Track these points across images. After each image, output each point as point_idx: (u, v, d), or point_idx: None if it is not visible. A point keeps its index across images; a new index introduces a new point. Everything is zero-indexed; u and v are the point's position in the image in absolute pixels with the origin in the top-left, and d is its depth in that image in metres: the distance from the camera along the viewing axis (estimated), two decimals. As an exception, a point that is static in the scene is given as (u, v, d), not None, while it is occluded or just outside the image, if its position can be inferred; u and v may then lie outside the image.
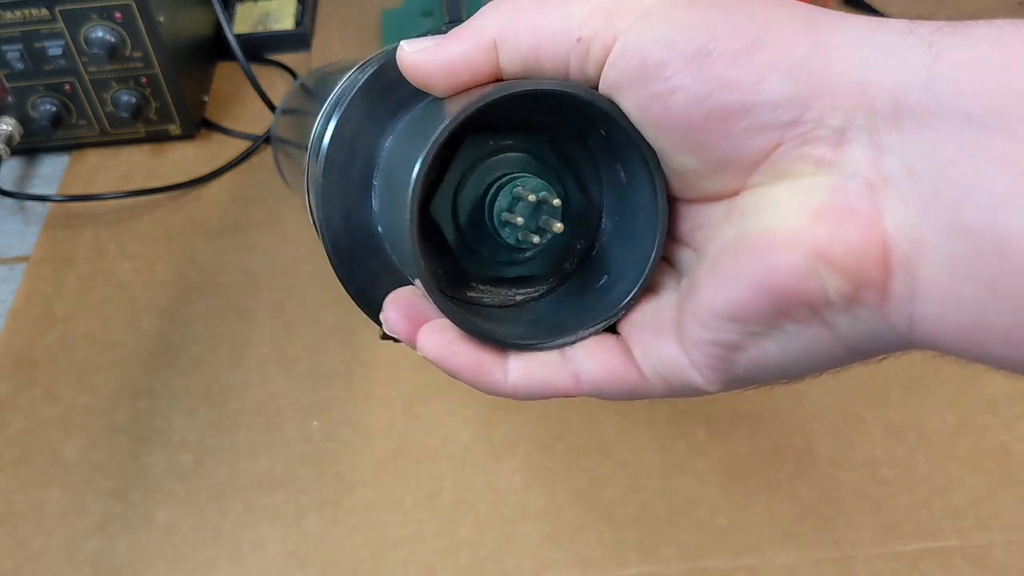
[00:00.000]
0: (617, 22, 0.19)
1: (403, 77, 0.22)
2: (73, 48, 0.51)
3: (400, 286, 0.24)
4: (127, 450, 0.42)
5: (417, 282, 0.22)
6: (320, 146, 0.25)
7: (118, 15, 0.50)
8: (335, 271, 0.25)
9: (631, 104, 0.20)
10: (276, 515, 0.39)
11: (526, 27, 0.20)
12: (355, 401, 0.43)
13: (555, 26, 0.20)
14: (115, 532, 0.39)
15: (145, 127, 0.56)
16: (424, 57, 0.21)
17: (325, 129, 0.25)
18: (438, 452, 0.41)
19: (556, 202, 0.22)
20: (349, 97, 0.24)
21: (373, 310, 0.25)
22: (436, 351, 0.21)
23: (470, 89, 0.21)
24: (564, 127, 0.23)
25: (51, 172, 0.56)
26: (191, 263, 0.50)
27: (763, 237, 0.18)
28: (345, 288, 0.25)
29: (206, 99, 0.59)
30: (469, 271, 0.24)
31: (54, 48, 0.50)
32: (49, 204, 0.54)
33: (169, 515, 0.39)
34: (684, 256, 0.22)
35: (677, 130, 0.19)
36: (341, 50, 0.63)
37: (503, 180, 0.23)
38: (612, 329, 0.23)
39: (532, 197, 0.22)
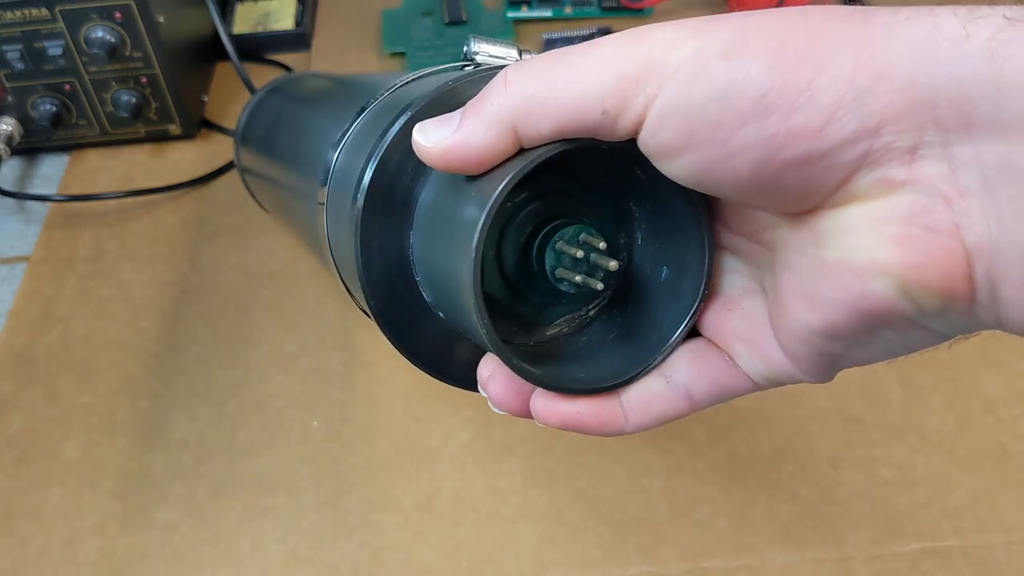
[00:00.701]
0: (646, 88, 0.18)
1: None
2: (73, 48, 0.51)
3: (459, 340, 0.24)
4: (127, 450, 0.42)
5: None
6: (355, 185, 0.24)
7: (118, 15, 0.50)
8: (388, 339, 0.24)
9: (683, 169, 0.19)
10: (276, 515, 0.39)
11: (544, 110, 0.19)
12: (355, 401, 0.43)
13: (575, 104, 0.19)
14: (115, 532, 0.39)
15: (145, 127, 0.56)
16: (445, 151, 0.21)
17: (354, 166, 0.25)
18: (438, 452, 0.41)
19: (602, 245, 0.22)
20: (385, 144, 0.23)
21: (439, 371, 0.25)
22: (560, 420, 0.22)
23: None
24: (575, 162, 0.23)
25: (51, 172, 0.56)
26: (191, 263, 0.50)
27: (849, 265, 0.18)
28: (404, 355, 0.25)
29: (206, 99, 0.59)
30: (527, 316, 0.24)
31: (54, 48, 0.50)
32: (49, 204, 0.54)
33: (169, 515, 0.39)
34: (753, 251, 0.22)
35: (741, 186, 0.18)
36: (341, 50, 0.63)
37: (540, 238, 0.23)
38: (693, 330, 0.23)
39: (579, 253, 0.22)
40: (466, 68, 0.27)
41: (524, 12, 0.65)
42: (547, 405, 0.22)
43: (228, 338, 0.46)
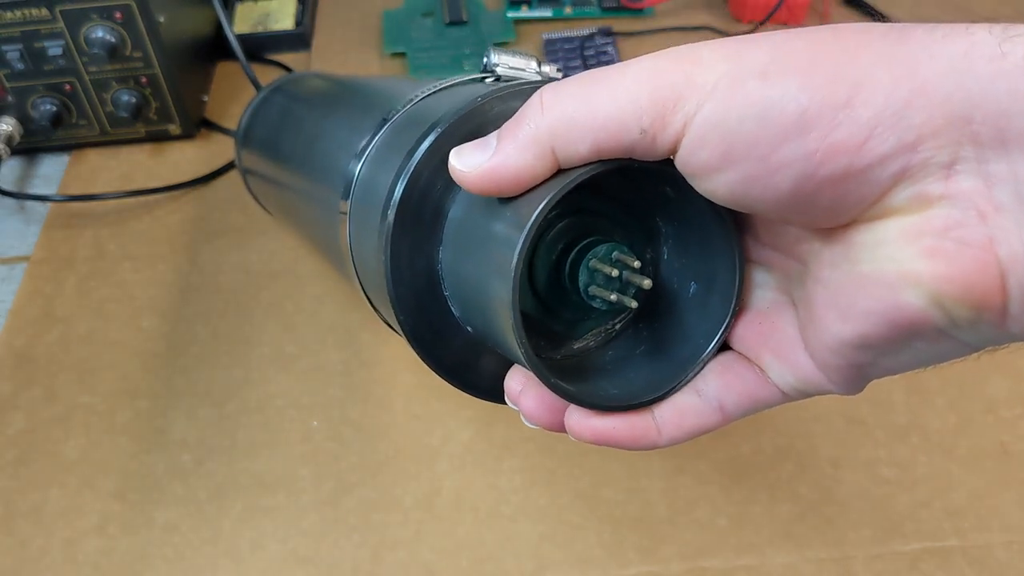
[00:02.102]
0: (684, 106, 0.18)
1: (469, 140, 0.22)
2: (73, 48, 0.51)
3: (485, 352, 0.25)
4: (127, 450, 0.42)
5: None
6: (384, 201, 0.24)
7: (118, 15, 0.50)
8: (417, 352, 0.25)
9: (721, 187, 0.19)
10: (276, 515, 0.39)
11: (582, 130, 0.19)
12: (355, 401, 0.43)
13: (613, 123, 0.19)
14: (115, 532, 0.39)
15: (145, 127, 0.56)
16: (482, 175, 0.21)
17: (380, 181, 0.25)
18: (438, 452, 0.41)
19: (636, 264, 0.22)
20: (415, 161, 0.23)
21: (466, 384, 0.25)
22: (595, 435, 0.22)
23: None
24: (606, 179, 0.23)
25: (51, 172, 0.56)
26: (191, 263, 0.50)
27: (883, 276, 0.18)
28: (431, 368, 0.25)
29: (206, 99, 0.59)
30: (556, 331, 0.25)
31: (54, 48, 0.50)
32: (49, 204, 0.54)
33: (169, 515, 0.39)
34: (783, 265, 0.22)
35: (778, 203, 0.19)
36: (341, 50, 0.63)
37: (573, 256, 0.23)
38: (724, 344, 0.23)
39: (614, 272, 0.22)
40: (486, 80, 0.27)
41: (524, 12, 0.65)
42: (581, 421, 0.22)
43: (228, 338, 0.46)
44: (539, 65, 0.28)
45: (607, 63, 0.61)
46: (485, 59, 0.28)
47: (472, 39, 0.62)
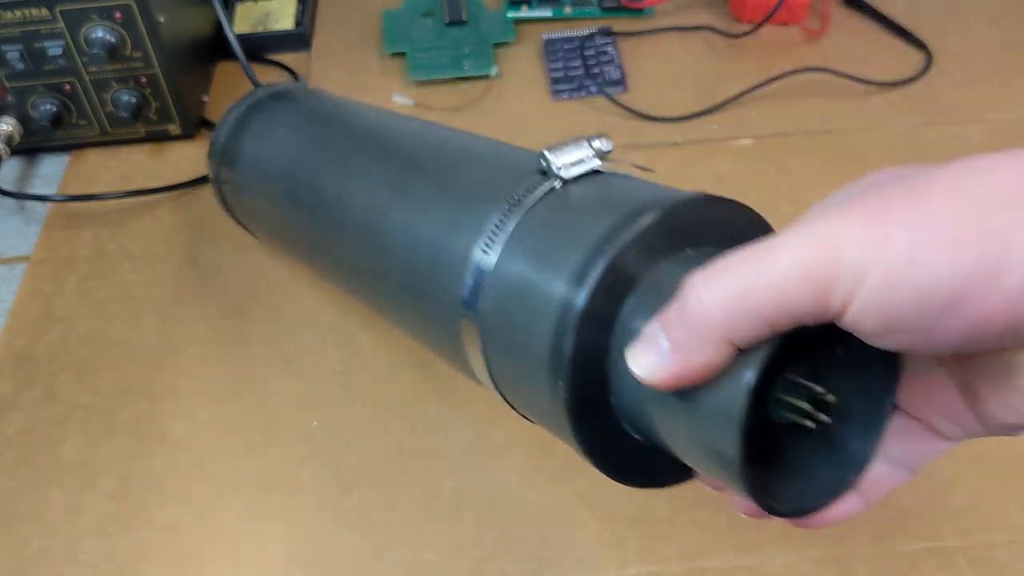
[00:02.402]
0: (842, 289, 0.19)
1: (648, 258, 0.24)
2: (73, 48, 0.51)
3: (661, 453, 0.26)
4: (127, 450, 0.42)
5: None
6: (546, 355, 0.25)
7: (118, 15, 0.50)
8: (600, 470, 0.26)
9: (886, 345, 0.21)
10: (276, 515, 0.39)
11: (752, 320, 0.20)
12: (355, 401, 0.43)
13: (779, 311, 0.20)
14: (115, 532, 0.39)
15: (145, 127, 0.56)
16: (666, 380, 0.22)
17: (538, 297, 0.26)
18: (438, 452, 0.41)
19: (819, 388, 0.23)
20: (607, 260, 0.24)
21: (652, 482, 0.27)
22: (817, 526, 0.25)
23: None
24: None
25: (51, 172, 0.56)
26: (191, 263, 0.50)
27: None
28: (613, 478, 0.26)
29: (206, 99, 0.59)
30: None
31: (54, 48, 0.50)
32: (49, 204, 0.54)
33: (169, 515, 0.39)
34: None
35: (941, 354, 0.21)
36: (341, 50, 0.63)
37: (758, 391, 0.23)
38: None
39: (806, 405, 0.23)
40: (555, 187, 0.28)
41: (524, 12, 0.65)
42: (803, 521, 0.24)
43: (228, 338, 0.46)
44: (590, 143, 0.29)
45: (607, 63, 0.61)
46: (543, 163, 0.28)
47: (472, 39, 0.62)
